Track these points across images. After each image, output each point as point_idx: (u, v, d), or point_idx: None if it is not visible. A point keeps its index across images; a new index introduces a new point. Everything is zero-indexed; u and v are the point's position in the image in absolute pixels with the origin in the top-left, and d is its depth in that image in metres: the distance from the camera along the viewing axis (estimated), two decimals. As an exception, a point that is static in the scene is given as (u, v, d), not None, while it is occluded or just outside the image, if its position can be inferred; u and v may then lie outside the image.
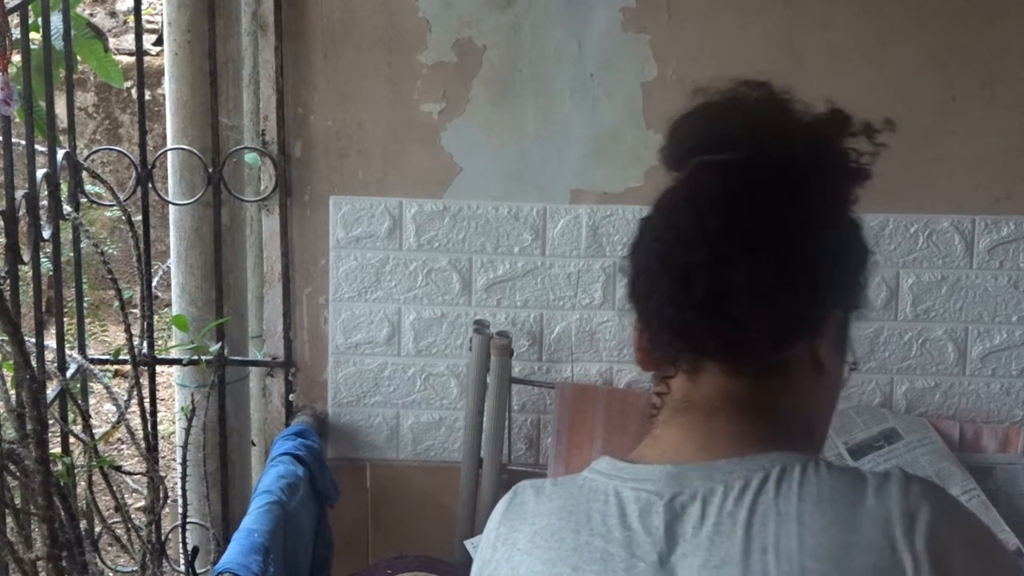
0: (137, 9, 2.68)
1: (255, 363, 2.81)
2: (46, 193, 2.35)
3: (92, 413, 3.10)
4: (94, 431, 2.53)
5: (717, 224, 1.14)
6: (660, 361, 1.20)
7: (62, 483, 2.18)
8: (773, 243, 1.13)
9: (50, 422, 2.16)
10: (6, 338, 1.95)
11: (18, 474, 2.00)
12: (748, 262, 1.13)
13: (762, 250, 1.13)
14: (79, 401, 2.52)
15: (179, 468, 2.68)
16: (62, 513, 2.13)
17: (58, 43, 2.55)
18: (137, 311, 2.77)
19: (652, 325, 1.19)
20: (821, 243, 1.15)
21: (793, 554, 1.05)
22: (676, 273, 1.15)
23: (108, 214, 5.47)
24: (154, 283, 3.20)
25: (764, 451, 1.12)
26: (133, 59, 2.94)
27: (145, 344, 2.63)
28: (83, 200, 2.58)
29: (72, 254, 2.72)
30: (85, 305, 3.06)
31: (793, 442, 1.14)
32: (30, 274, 2.31)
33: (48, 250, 2.46)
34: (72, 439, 2.49)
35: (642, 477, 1.14)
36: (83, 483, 2.48)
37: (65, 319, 2.58)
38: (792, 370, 1.16)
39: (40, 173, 2.30)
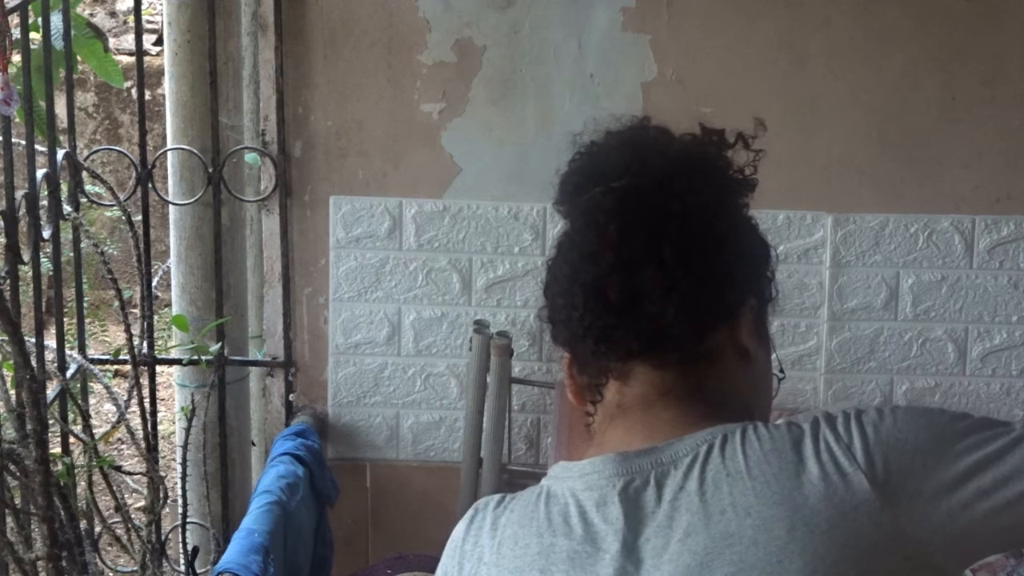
0: (137, 9, 2.68)
1: (255, 363, 2.81)
2: (46, 193, 2.35)
3: (92, 413, 3.10)
4: (94, 431, 2.52)
5: (616, 231, 1.19)
6: (592, 376, 1.24)
7: (62, 483, 2.17)
8: (672, 239, 1.19)
9: (50, 422, 2.16)
10: (6, 338, 1.95)
11: (18, 474, 2.00)
12: (652, 260, 1.18)
13: (663, 247, 1.18)
14: (79, 401, 2.52)
15: (179, 468, 2.67)
16: (62, 513, 2.12)
17: (58, 43, 2.55)
18: (137, 311, 2.77)
19: (576, 341, 1.24)
20: (717, 237, 1.21)
21: (752, 507, 1.09)
22: (588, 285, 1.21)
23: (108, 214, 5.46)
24: (154, 283, 3.20)
25: (704, 427, 1.16)
26: (133, 59, 2.94)
27: (145, 344, 2.63)
28: (83, 200, 2.58)
29: (72, 254, 2.72)
30: (85, 305, 3.06)
31: (732, 418, 1.17)
32: (30, 274, 2.31)
33: (48, 250, 2.46)
34: (72, 439, 2.49)
35: (588, 471, 1.19)
36: (83, 483, 2.48)
37: (65, 319, 2.57)
38: (717, 358, 1.21)
39: (40, 173, 2.30)
